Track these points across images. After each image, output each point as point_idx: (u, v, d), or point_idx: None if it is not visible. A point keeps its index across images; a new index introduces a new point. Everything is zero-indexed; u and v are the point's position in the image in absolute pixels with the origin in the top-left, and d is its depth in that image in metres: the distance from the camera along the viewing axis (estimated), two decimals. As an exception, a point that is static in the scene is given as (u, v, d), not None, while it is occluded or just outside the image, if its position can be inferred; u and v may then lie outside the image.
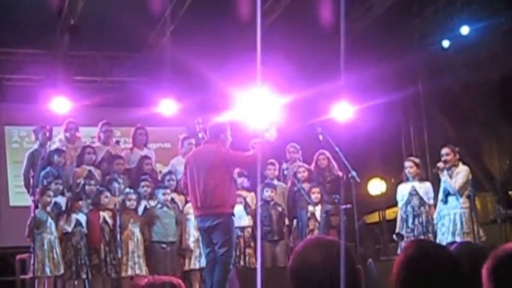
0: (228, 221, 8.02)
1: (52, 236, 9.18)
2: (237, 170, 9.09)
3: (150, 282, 2.60)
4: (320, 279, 2.46)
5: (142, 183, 9.96)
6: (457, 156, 9.64)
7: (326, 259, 2.47)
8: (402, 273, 2.62)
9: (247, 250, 9.86)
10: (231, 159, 8.15)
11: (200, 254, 9.61)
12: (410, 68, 14.16)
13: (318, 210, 10.15)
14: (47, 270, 9.02)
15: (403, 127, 15.19)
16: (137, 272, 9.35)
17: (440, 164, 9.56)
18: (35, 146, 10.58)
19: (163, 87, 12.70)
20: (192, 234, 9.78)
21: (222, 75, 12.26)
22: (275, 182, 10.50)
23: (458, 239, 8.99)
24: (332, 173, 10.72)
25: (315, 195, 10.15)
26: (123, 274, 9.39)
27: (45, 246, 9.07)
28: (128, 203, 9.67)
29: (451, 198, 9.46)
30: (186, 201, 9.91)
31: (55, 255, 9.13)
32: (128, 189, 9.89)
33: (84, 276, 9.27)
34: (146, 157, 10.59)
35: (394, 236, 9.92)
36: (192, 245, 9.85)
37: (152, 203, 9.91)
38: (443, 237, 9.29)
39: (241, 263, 9.73)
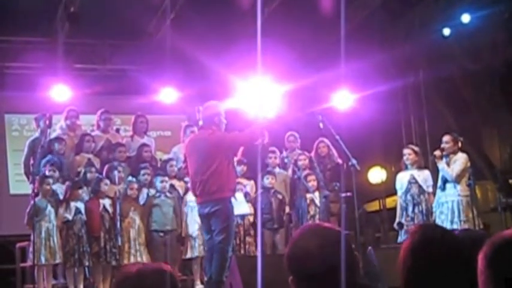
0: (226, 207, 8.01)
1: (50, 225, 9.17)
2: (236, 158, 9.07)
3: (141, 269, 2.60)
4: (317, 266, 2.45)
5: (143, 171, 9.93)
6: (458, 144, 9.60)
7: (323, 246, 2.47)
8: (409, 259, 2.61)
9: (247, 238, 9.87)
10: (228, 143, 8.12)
11: (202, 241, 9.62)
12: (410, 56, 14.13)
13: (316, 197, 10.16)
14: (42, 258, 9.02)
15: (404, 115, 15.17)
16: (138, 259, 9.35)
17: (437, 152, 9.53)
18: (36, 134, 10.58)
19: (164, 75, 12.67)
20: (196, 222, 9.69)
21: (223, 63, 12.23)
22: (276, 170, 10.50)
23: (455, 227, 8.99)
24: (332, 161, 10.73)
25: (311, 183, 10.16)
26: (125, 261, 9.39)
27: (43, 235, 9.07)
28: (129, 192, 9.67)
29: (448, 185, 9.43)
30: (187, 189, 9.93)
31: (52, 244, 9.12)
32: (130, 178, 9.89)
33: (87, 263, 9.29)
34: (145, 145, 10.59)
35: (396, 226, 9.92)
36: (194, 233, 9.83)
37: (153, 190, 9.90)
38: (443, 225, 9.26)
39: (241, 251, 9.73)
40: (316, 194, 10.19)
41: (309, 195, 10.16)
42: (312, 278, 2.47)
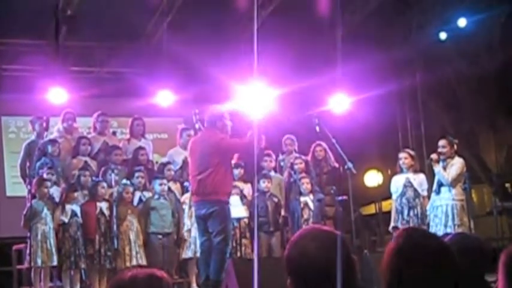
0: (223, 209, 8.09)
1: (47, 227, 9.15)
2: (233, 161, 9.11)
3: (133, 275, 2.61)
4: (316, 268, 2.47)
5: (137, 174, 9.94)
6: (455, 148, 9.60)
7: (322, 249, 2.48)
8: (392, 262, 2.63)
9: (243, 241, 9.88)
10: (225, 147, 8.20)
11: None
12: (407, 60, 14.17)
13: (310, 200, 10.18)
14: (38, 261, 9.00)
15: (400, 119, 15.21)
16: (139, 261, 9.36)
17: (433, 156, 9.53)
18: (32, 137, 10.58)
19: (161, 78, 12.68)
20: (191, 223, 9.70)
21: (219, 66, 12.26)
22: (271, 173, 10.52)
23: (449, 231, 8.98)
24: (328, 164, 10.75)
25: (305, 186, 10.18)
26: (127, 264, 9.36)
27: (39, 237, 9.05)
28: (125, 195, 9.66)
29: (443, 189, 9.42)
30: (183, 191, 10.01)
31: (48, 246, 9.10)
32: (125, 181, 9.89)
33: (83, 266, 9.28)
34: (141, 148, 10.59)
35: (391, 229, 9.93)
36: (189, 234, 9.83)
37: (146, 193, 9.91)
38: (437, 229, 9.26)
39: (238, 253, 9.74)
40: (311, 196, 10.20)
41: (303, 199, 10.18)
42: (310, 281, 2.49)
